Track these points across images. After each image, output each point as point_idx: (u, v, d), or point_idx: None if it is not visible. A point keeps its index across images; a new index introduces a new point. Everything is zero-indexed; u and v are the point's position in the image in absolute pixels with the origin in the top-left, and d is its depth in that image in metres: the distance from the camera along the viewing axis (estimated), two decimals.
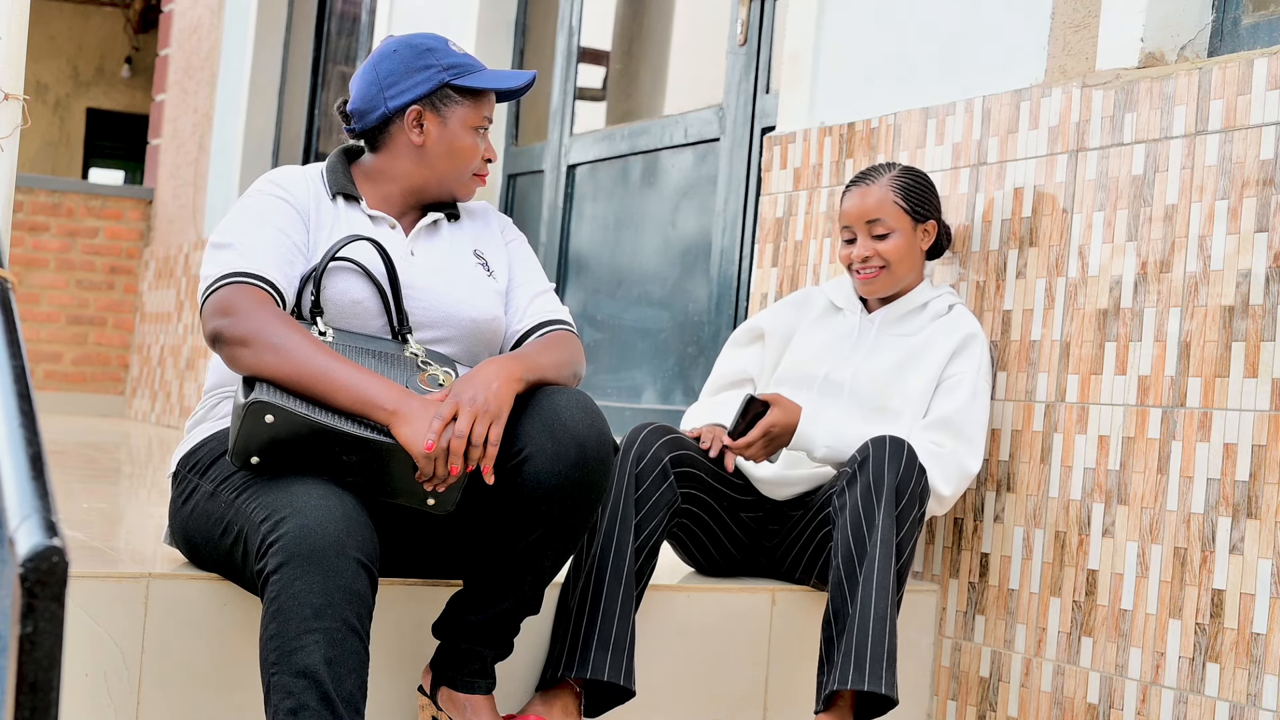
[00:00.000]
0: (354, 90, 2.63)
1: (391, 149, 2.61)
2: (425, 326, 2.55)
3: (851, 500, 2.70)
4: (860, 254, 3.01)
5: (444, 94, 2.59)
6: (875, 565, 2.65)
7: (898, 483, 2.69)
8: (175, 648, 2.47)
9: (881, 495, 2.67)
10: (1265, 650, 2.54)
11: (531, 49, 5.50)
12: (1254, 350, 2.61)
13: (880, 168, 3.08)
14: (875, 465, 2.70)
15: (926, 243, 3.06)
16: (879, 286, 3.03)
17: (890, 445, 2.73)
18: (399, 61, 2.59)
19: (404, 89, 2.58)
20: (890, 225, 3.00)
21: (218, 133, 7.65)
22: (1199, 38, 2.95)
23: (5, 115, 2.69)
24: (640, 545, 2.74)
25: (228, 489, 2.37)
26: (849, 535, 2.69)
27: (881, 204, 3.01)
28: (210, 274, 2.43)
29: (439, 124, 2.59)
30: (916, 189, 3.03)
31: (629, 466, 2.77)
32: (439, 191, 2.63)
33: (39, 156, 13.94)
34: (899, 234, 3.01)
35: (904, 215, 3.01)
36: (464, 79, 2.59)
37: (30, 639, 1.21)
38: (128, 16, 14.11)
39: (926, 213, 3.04)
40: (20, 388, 1.45)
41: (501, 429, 2.32)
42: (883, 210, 3.00)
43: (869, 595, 2.64)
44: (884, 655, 2.62)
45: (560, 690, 2.70)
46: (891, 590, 2.65)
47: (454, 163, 2.60)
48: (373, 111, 2.60)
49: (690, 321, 4.39)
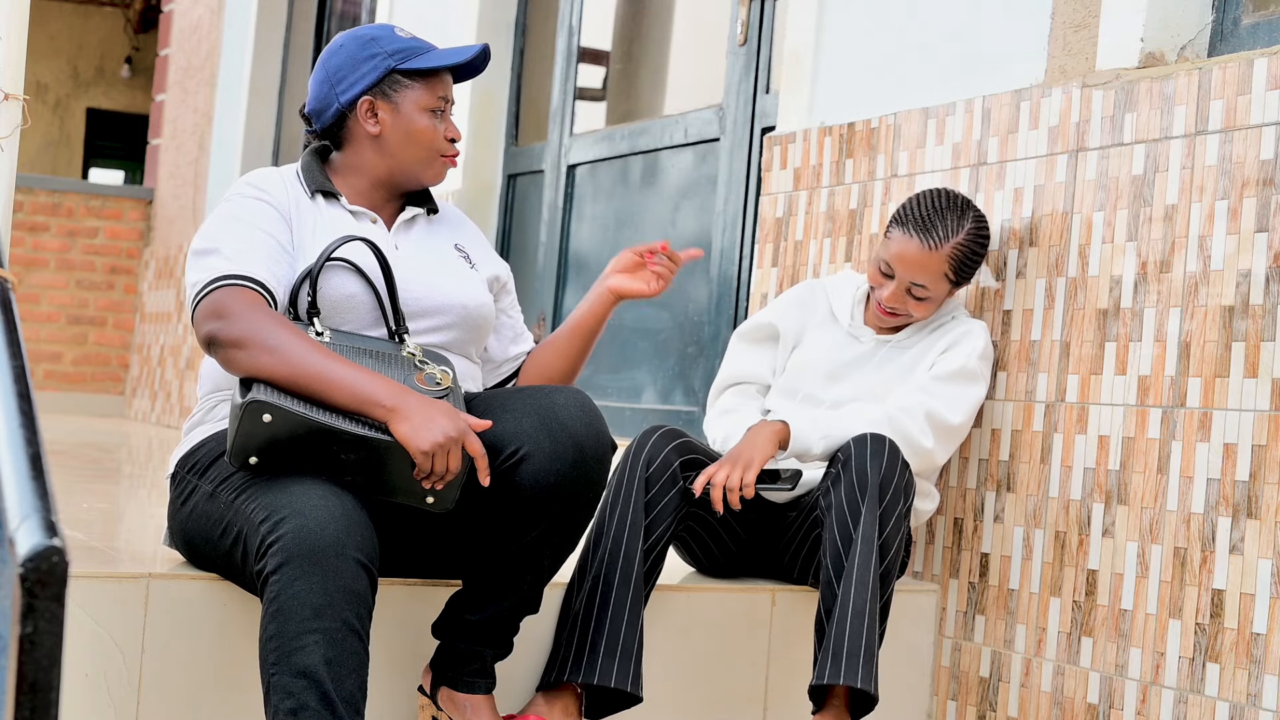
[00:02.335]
0: (310, 91, 2.64)
1: (353, 143, 2.62)
2: (419, 316, 2.55)
3: (837, 499, 2.71)
4: (890, 302, 2.97)
5: (393, 80, 2.59)
6: (857, 562, 2.65)
7: (880, 479, 2.69)
8: (175, 648, 2.47)
9: (865, 493, 2.68)
10: (1265, 650, 2.54)
11: (531, 49, 5.50)
12: (1254, 350, 2.61)
13: (949, 223, 2.93)
14: (858, 463, 2.71)
15: (952, 294, 3.04)
16: (895, 328, 3.03)
17: (872, 442, 2.73)
18: (345, 55, 2.60)
19: (353, 81, 2.59)
20: (930, 293, 2.96)
21: (218, 133, 7.65)
22: (1199, 38, 2.95)
23: (5, 115, 2.69)
24: (649, 548, 2.74)
25: (227, 490, 2.37)
26: (835, 534, 2.69)
27: (933, 275, 2.93)
28: (199, 279, 2.41)
29: (392, 111, 2.59)
30: (969, 259, 2.95)
31: (640, 470, 2.76)
32: (406, 179, 2.63)
33: (39, 156, 13.94)
34: (933, 299, 2.97)
35: (945, 284, 2.96)
36: (411, 62, 2.59)
37: (30, 639, 1.21)
38: (128, 16, 14.11)
39: (967, 279, 2.99)
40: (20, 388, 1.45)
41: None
42: (929, 279, 2.94)
43: (848, 591, 2.65)
44: (861, 650, 2.62)
45: (562, 691, 2.70)
46: (873, 587, 2.65)
47: (413, 148, 2.60)
48: (328, 109, 2.61)
49: (690, 321, 4.39)
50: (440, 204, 2.73)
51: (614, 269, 2.77)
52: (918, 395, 2.91)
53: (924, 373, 2.97)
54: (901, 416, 2.87)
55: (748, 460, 2.77)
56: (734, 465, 2.76)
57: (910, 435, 2.86)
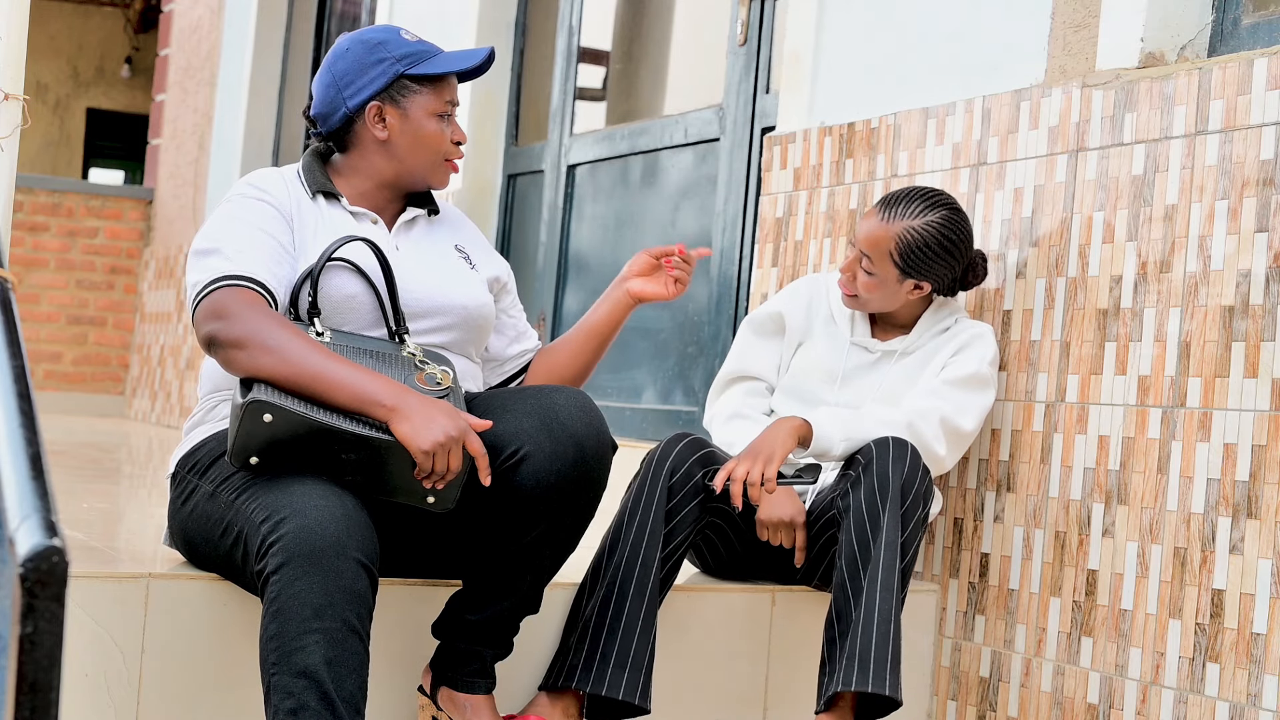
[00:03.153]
0: (314, 94, 2.64)
1: (359, 147, 2.62)
2: (420, 316, 2.55)
3: (856, 501, 2.69)
4: (845, 269, 2.97)
5: (401, 85, 2.59)
6: (880, 566, 2.63)
7: (903, 483, 2.68)
8: (175, 648, 2.47)
9: (887, 496, 2.66)
10: (1265, 650, 2.54)
11: (531, 49, 5.50)
12: (1254, 350, 2.61)
13: (913, 207, 2.92)
14: (880, 466, 2.69)
15: (915, 295, 2.96)
16: (851, 305, 3.01)
17: (894, 446, 2.72)
18: (353, 59, 2.60)
19: (361, 86, 2.58)
20: (873, 267, 2.92)
21: (218, 133, 7.65)
22: (1199, 38, 2.95)
23: (5, 115, 2.69)
24: (666, 557, 2.72)
25: (227, 490, 2.37)
26: (853, 537, 2.67)
27: (878, 246, 2.91)
28: (199, 280, 2.41)
29: (400, 116, 2.59)
30: (922, 250, 2.90)
31: (663, 479, 2.73)
32: (412, 182, 2.64)
33: (39, 156, 13.94)
34: (878, 279, 2.93)
35: (892, 266, 2.92)
36: (419, 67, 2.59)
37: (30, 639, 1.21)
38: (128, 16, 14.11)
39: (921, 273, 2.92)
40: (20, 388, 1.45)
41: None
42: (876, 251, 2.91)
43: (874, 596, 2.62)
44: (888, 657, 2.60)
45: (564, 692, 2.69)
46: (896, 591, 2.64)
47: (422, 152, 2.60)
48: (335, 113, 2.61)
49: (690, 321, 4.39)
50: (441, 204, 2.73)
51: (631, 272, 2.76)
52: (931, 400, 2.89)
53: (933, 376, 2.95)
54: (918, 421, 2.85)
55: (769, 455, 2.72)
56: (754, 460, 2.71)
57: (926, 440, 2.84)
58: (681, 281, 2.74)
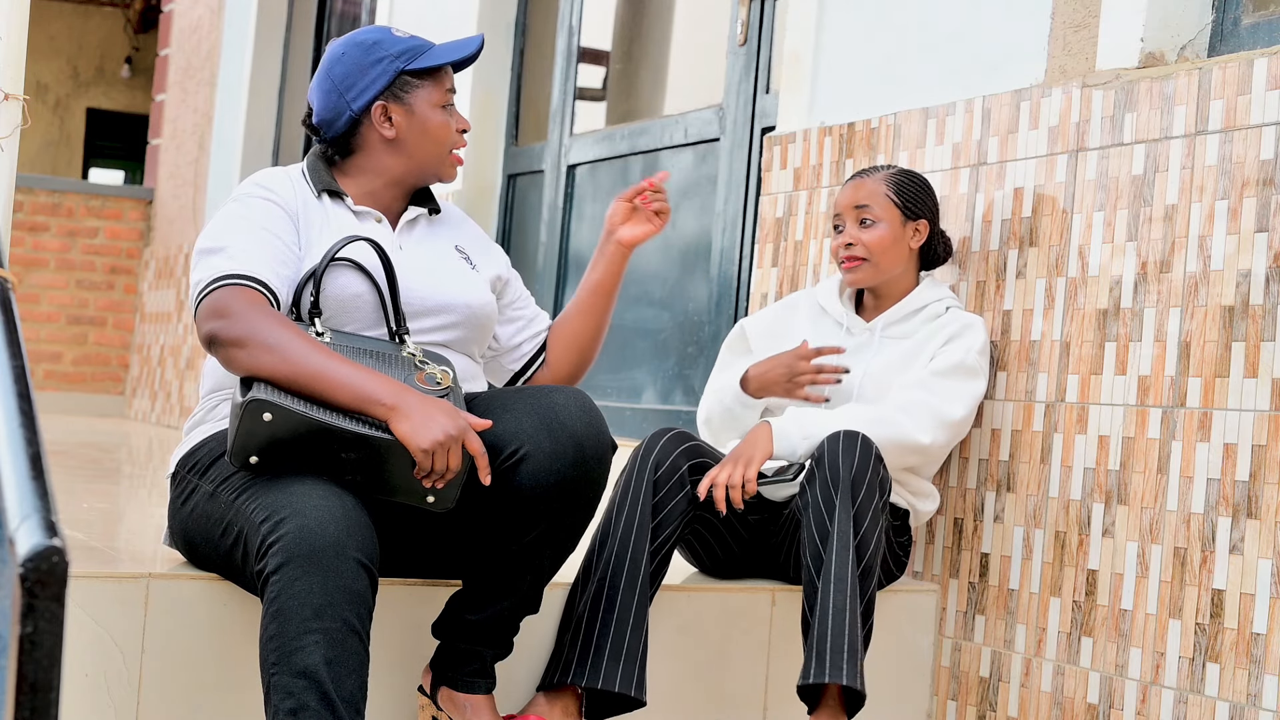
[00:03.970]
0: (315, 102, 2.64)
1: (367, 148, 2.62)
2: (424, 315, 2.55)
3: (812, 498, 2.71)
4: (843, 241, 3.02)
5: (403, 82, 2.60)
6: (834, 559, 2.66)
7: (853, 475, 2.69)
8: (175, 648, 2.47)
9: (838, 490, 2.68)
10: (1265, 650, 2.54)
11: (531, 49, 5.50)
12: (1254, 350, 2.61)
13: (878, 166, 3.11)
14: (830, 460, 2.71)
15: (917, 242, 3.05)
16: (861, 277, 3.04)
17: (844, 439, 2.73)
18: (350, 63, 2.60)
19: (363, 88, 2.59)
20: (877, 215, 3.01)
21: (218, 133, 7.65)
22: (1199, 38, 2.95)
23: (5, 115, 2.69)
24: (655, 550, 2.74)
25: (227, 490, 2.37)
26: (813, 533, 2.70)
27: (873, 194, 3.03)
28: (202, 278, 2.42)
29: (406, 112, 2.60)
30: (910, 187, 3.05)
31: (648, 473, 2.77)
32: (421, 177, 2.65)
33: (39, 156, 13.94)
34: (885, 225, 3.01)
35: (893, 208, 3.02)
36: (417, 62, 2.61)
37: (30, 639, 1.21)
38: (128, 16, 14.11)
39: (918, 211, 3.04)
40: (20, 388, 1.45)
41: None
42: (873, 199, 3.02)
43: (827, 589, 2.65)
44: (844, 648, 2.62)
45: (563, 691, 2.69)
46: (852, 583, 2.65)
47: (431, 145, 2.62)
48: (339, 118, 2.61)
49: (690, 321, 4.40)
50: (442, 204, 2.73)
51: (614, 224, 2.80)
52: (916, 392, 2.92)
53: (922, 366, 2.97)
54: (897, 414, 2.87)
55: (748, 458, 2.79)
56: (735, 464, 2.79)
57: (905, 431, 2.86)
58: (661, 212, 2.79)
